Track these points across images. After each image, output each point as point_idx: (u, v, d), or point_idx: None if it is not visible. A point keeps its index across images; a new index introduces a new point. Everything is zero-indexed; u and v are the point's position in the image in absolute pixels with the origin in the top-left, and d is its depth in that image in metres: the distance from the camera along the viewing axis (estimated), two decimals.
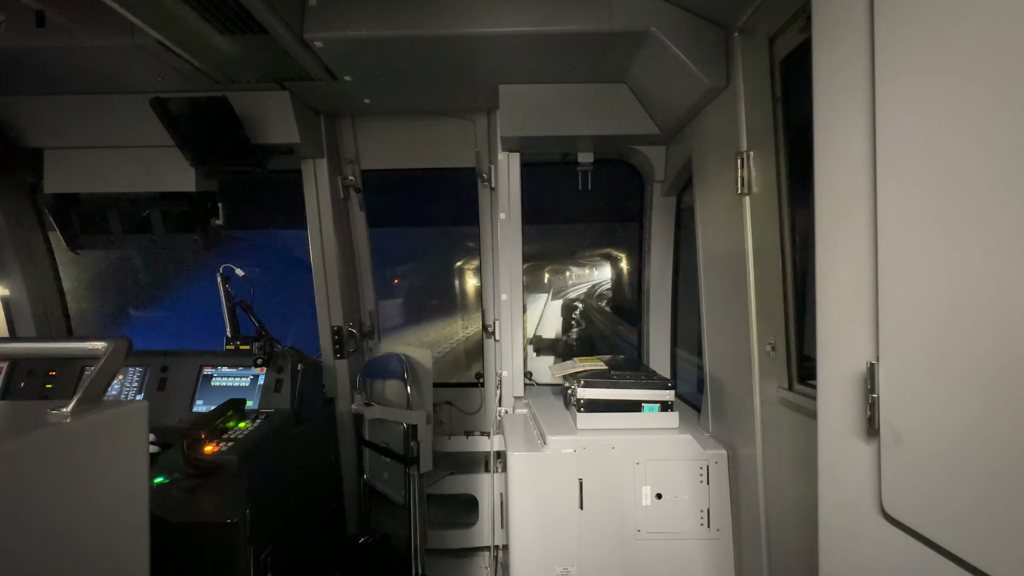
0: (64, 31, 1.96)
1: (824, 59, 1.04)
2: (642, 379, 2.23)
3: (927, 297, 0.82)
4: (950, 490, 0.79)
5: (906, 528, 0.87)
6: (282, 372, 2.57)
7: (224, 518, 1.87)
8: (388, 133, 2.91)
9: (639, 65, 2.19)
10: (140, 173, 2.54)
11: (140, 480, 1.23)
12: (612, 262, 4.66)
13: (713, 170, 2.08)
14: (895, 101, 0.87)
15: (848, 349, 0.99)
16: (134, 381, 2.62)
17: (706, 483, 2.09)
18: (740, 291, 1.87)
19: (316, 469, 2.70)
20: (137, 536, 1.23)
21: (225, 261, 2.69)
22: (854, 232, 0.97)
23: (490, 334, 3.03)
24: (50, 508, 1.00)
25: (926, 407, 0.83)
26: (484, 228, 3.02)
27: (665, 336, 3.04)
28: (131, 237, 2.76)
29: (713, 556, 2.07)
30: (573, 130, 2.47)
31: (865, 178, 0.94)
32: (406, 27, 1.95)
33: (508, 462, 2.17)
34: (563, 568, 2.09)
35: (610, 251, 4.68)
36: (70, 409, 1.07)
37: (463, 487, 3.08)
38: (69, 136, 2.51)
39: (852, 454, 0.99)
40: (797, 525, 1.64)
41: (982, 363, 0.73)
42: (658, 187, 2.87)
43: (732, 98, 1.87)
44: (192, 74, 2.19)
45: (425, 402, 2.59)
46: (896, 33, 0.87)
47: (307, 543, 2.47)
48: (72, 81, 2.34)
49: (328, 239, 2.78)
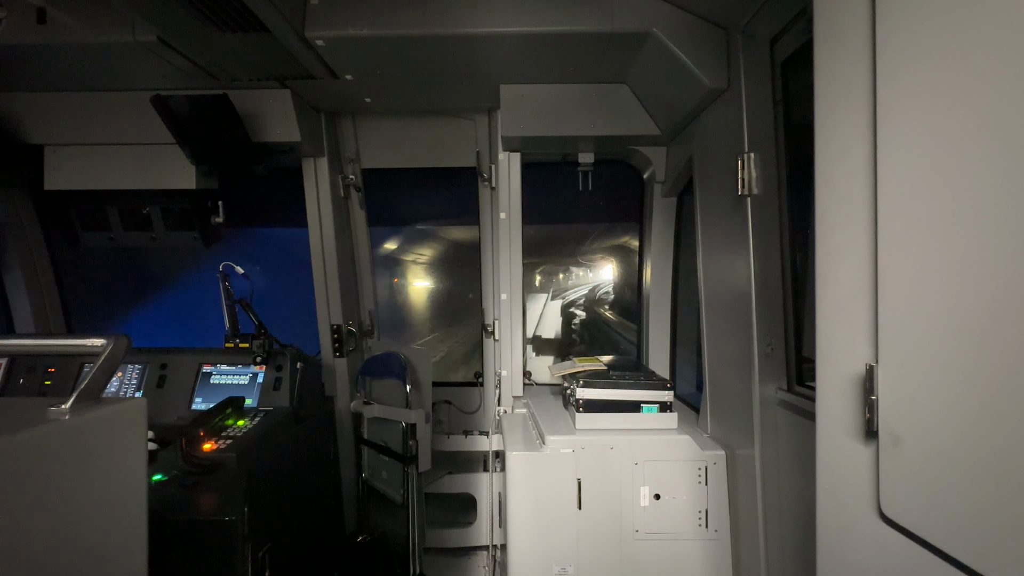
0: (65, 28, 1.96)
1: (825, 60, 1.04)
2: (641, 380, 2.23)
3: (926, 299, 0.82)
4: (948, 492, 0.79)
5: (904, 530, 0.87)
6: (281, 370, 2.57)
7: (222, 516, 1.87)
8: (389, 132, 2.91)
9: (640, 66, 2.19)
10: (140, 170, 2.54)
11: (139, 477, 1.23)
12: (612, 263, 4.66)
13: (714, 171, 2.08)
14: (896, 103, 0.87)
15: (847, 351, 0.99)
16: (133, 378, 2.62)
17: (704, 484, 2.09)
18: (740, 292, 1.88)
19: (315, 467, 2.70)
20: (135, 533, 1.23)
21: (225, 259, 2.70)
22: (854, 234, 0.97)
23: (489, 334, 3.03)
24: (49, 505, 1.00)
25: (925, 409, 0.83)
26: (484, 228, 3.02)
27: (665, 337, 3.05)
28: (131, 234, 2.76)
29: (711, 557, 2.07)
30: (574, 130, 2.47)
31: (866, 180, 0.94)
32: (407, 26, 1.95)
33: (507, 462, 2.17)
34: (561, 568, 2.09)
35: (610, 252, 4.68)
36: (69, 406, 1.07)
37: (462, 486, 3.08)
38: (70, 133, 2.51)
39: (851, 456, 0.99)
40: (795, 526, 1.65)
41: (981, 366, 0.74)
42: (659, 188, 2.87)
43: (733, 99, 1.87)
44: (193, 72, 2.19)
45: (424, 401, 2.59)
46: (898, 35, 0.87)
47: (305, 541, 2.47)
48: (73, 78, 2.34)
49: (328, 238, 2.78)
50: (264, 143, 2.48)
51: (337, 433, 2.97)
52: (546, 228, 3.93)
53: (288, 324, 3.23)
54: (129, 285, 3.97)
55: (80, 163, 2.55)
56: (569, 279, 7.44)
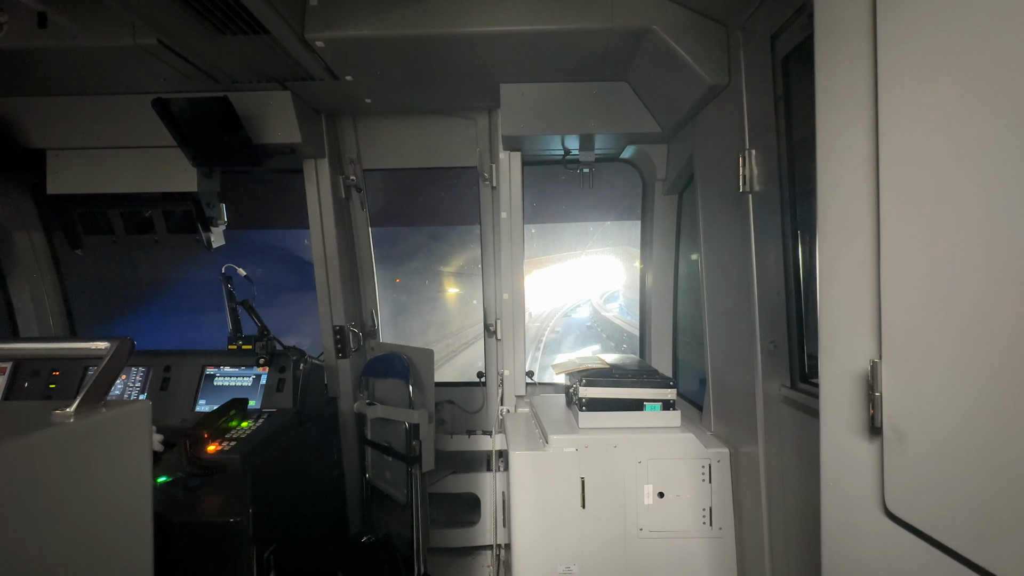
0: (66, 32, 1.96)
1: (826, 56, 1.04)
2: (644, 378, 2.23)
3: (930, 295, 0.82)
4: (953, 488, 0.79)
5: (909, 526, 0.87)
6: (284, 372, 2.57)
7: (227, 517, 1.88)
8: (389, 132, 2.91)
9: (640, 63, 2.19)
10: (142, 173, 2.55)
11: (144, 480, 1.23)
12: (613, 261, 4.65)
13: (715, 168, 2.08)
14: (898, 99, 0.87)
15: (850, 347, 0.99)
16: (137, 381, 2.63)
17: (708, 482, 2.09)
18: (742, 289, 1.87)
19: (318, 468, 2.71)
20: (141, 535, 1.23)
21: (227, 260, 2.70)
22: (856, 230, 0.97)
23: (492, 333, 3.03)
24: (54, 508, 1.01)
25: (929, 405, 0.83)
26: (485, 227, 3.02)
27: (667, 334, 3.04)
28: (133, 237, 2.77)
29: (715, 555, 2.07)
30: (574, 129, 2.47)
31: (867, 176, 0.93)
32: (407, 26, 1.95)
33: (510, 461, 2.17)
34: (565, 567, 2.09)
35: (611, 250, 4.67)
36: (73, 409, 1.08)
37: (465, 486, 3.08)
38: (71, 137, 2.52)
39: (855, 452, 0.99)
40: (799, 524, 1.64)
41: (985, 361, 0.73)
42: (660, 186, 2.86)
43: (734, 96, 1.87)
44: (193, 74, 2.19)
45: (427, 401, 2.59)
46: (899, 31, 0.86)
47: (310, 542, 2.47)
48: (74, 82, 2.35)
49: (330, 239, 2.78)
50: (265, 145, 2.49)
51: (340, 434, 2.97)
52: (546, 227, 3.94)
53: (290, 325, 3.24)
54: (132, 288, 3.98)
55: (82, 167, 2.55)
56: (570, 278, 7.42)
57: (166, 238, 2.73)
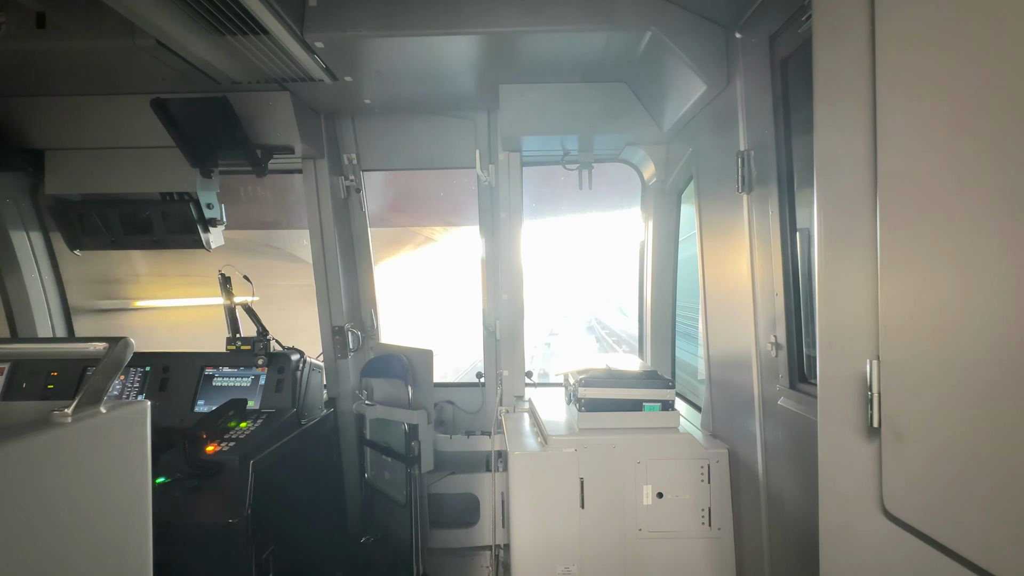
0: (65, 32, 1.96)
1: (825, 57, 1.04)
2: (643, 378, 2.23)
3: (928, 296, 0.82)
4: (951, 488, 0.79)
5: (907, 526, 0.87)
6: (283, 372, 2.57)
7: (226, 518, 1.88)
8: (389, 133, 2.91)
9: (639, 65, 2.19)
10: (141, 174, 2.54)
11: (142, 480, 1.23)
12: (613, 261, 4.66)
13: (714, 169, 2.08)
14: (896, 100, 0.87)
15: (849, 348, 0.99)
16: (135, 381, 2.63)
17: (707, 482, 2.09)
18: (741, 290, 1.87)
19: (317, 469, 2.71)
20: (140, 536, 1.23)
21: (225, 260, 2.70)
22: (854, 231, 0.97)
23: (491, 333, 3.03)
24: (52, 508, 1.01)
25: (927, 406, 0.83)
26: (485, 227, 3.03)
27: (666, 335, 3.05)
28: (132, 238, 2.76)
29: (714, 555, 2.07)
30: (573, 130, 2.47)
31: (866, 177, 0.94)
32: (406, 27, 1.95)
33: (509, 461, 2.17)
34: (564, 567, 2.09)
35: (610, 250, 4.67)
36: (72, 410, 1.07)
37: (464, 486, 3.08)
38: (70, 137, 2.52)
39: (853, 453, 0.99)
40: (798, 524, 1.65)
41: (983, 362, 0.73)
42: (659, 186, 2.87)
43: (732, 97, 1.87)
44: (192, 75, 2.19)
45: (426, 402, 2.59)
46: (897, 33, 0.87)
47: (309, 543, 2.47)
48: (73, 82, 2.35)
49: (329, 239, 2.78)
50: (264, 145, 2.49)
51: (339, 434, 2.97)
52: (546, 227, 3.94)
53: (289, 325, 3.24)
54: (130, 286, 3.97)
55: (81, 167, 2.55)
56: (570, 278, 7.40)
57: (165, 239, 2.73)
